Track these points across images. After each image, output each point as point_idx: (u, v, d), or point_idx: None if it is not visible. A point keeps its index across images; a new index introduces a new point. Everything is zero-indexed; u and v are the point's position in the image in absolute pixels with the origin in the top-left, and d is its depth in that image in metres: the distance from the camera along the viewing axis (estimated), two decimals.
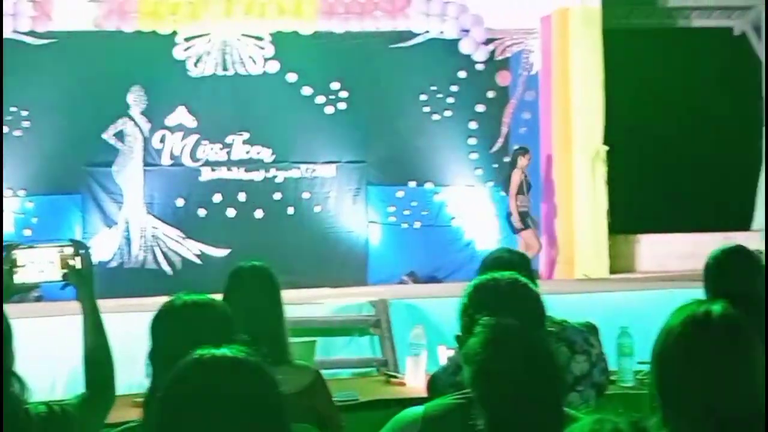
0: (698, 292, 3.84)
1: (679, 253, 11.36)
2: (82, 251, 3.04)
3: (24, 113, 11.10)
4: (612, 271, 11.67)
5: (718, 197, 12.61)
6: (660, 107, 12.87)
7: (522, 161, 11.38)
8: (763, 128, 13.09)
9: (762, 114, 13.22)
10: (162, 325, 2.78)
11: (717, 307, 2.25)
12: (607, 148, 11.71)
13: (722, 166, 12.93)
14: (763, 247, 11.42)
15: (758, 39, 13.54)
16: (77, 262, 3.02)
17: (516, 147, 11.66)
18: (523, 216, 11.28)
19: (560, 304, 4.02)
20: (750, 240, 10.71)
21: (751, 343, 2.22)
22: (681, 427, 2.17)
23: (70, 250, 3.02)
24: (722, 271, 3.97)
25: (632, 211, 11.91)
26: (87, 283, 3.02)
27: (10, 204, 11.01)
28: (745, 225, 12.89)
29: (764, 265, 4.36)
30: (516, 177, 11.29)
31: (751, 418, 2.15)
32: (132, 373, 3.35)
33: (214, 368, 1.90)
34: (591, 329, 3.82)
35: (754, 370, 2.18)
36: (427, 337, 5.57)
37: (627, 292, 9.01)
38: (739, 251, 4.08)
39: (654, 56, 12.82)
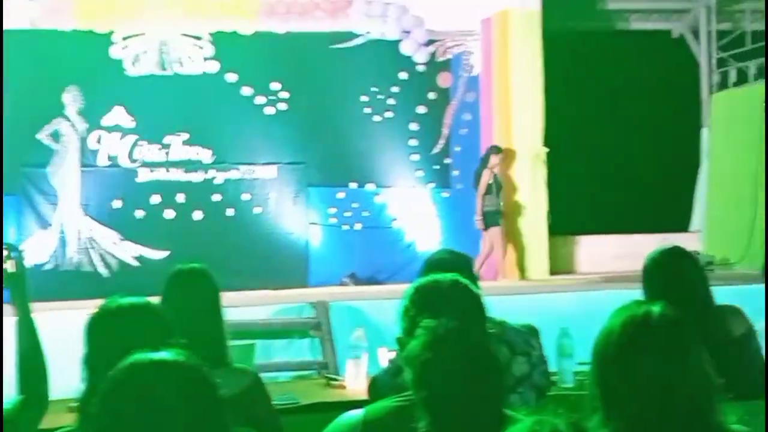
0: (637, 293, 3.87)
1: (618, 254, 11.49)
2: (14, 254, 3.00)
3: None
4: (552, 272, 11.76)
5: (656, 199, 12.78)
6: (599, 109, 13.02)
7: (494, 160, 11.36)
8: (701, 130, 13.29)
9: (700, 116, 13.43)
10: (97, 329, 2.74)
11: (656, 308, 2.28)
12: (547, 149, 11.80)
13: (661, 167, 13.10)
14: (700, 248, 11.63)
15: (696, 42, 13.75)
16: (9, 265, 2.97)
17: (490, 145, 11.60)
18: (489, 216, 11.26)
19: (501, 306, 4.03)
20: (688, 241, 10.89)
21: (690, 343, 2.25)
22: (621, 427, 2.18)
23: (2, 253, 2.97)
24: (661, 272, 4.00)
25: (572, 213, 12.00)
26: (19, 287, 2.99)
27: None
28: (683, 226, 13.07)
29: (702, 265, 4.41)
30: (485, 176, 11.29)
31: (691, 417, 2.17)
32: (67, 378, 3.28)
33: (152, 372, 1.89)
34: (531, 331, 3.82)
35: (693, 370, 2.21)
36: (367, 339, 5.54)
37: (567, 293, 9.08)
38: (677, 252, 4.11)
39: (593, 58, 12.96)
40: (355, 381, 5.30)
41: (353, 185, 11.98)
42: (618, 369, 2.21)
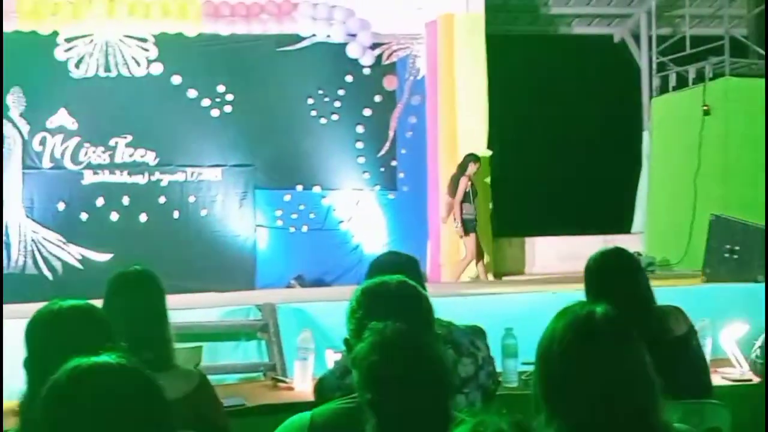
0: (580, 294, 3.91)
1: (562, 256, 11.58)
2: None
3: None
4: (496, 274, 11.82)
5: (598, 201, 12.90)
6: (543, 112, 13.13)
7: (471, 168, 11.33)
8: (642, 133, 13.46)
9: (641, 119, 13.60)
10: (38, 332, 2.72)
11: (598, 309, 2.30)
12: (491, 152, 11.86)
13: (603, 170, 13.23)
14: (642, 249, 11.77)
15: (637, 46, 13.92)
16: None
17: (468, 153, 11.47)
18: (468, 223, 11.27)
19: (447, 307, 4.05)
20: (629, 242, 11.02)
21: (632, 343, 2.28)
22: (564, 426, 2.20)
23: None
24: (602, 273, 4.04)
25: (516, 215, 12.08)
26: None
27: None
28: (625, 228, 13.22)
29: (643, 266, 4.47)
30: (463, 184, 11.27)
31: (633, 416, 2.20)
32: (13, 381, 3.26)
33: (94, 376, 1.87)
34: (478, 332, 3.84)
35: (635, 370, 2.24)
36: (314, 341, 5.55)
37: (511, 294, 9.11)
38: (618, 253, 4.16)
39: (537, 62, 13.07)
40: (302, 382, 5.31)
41: (299, 187, 11.95)
42: (561, 369, 2.23)
